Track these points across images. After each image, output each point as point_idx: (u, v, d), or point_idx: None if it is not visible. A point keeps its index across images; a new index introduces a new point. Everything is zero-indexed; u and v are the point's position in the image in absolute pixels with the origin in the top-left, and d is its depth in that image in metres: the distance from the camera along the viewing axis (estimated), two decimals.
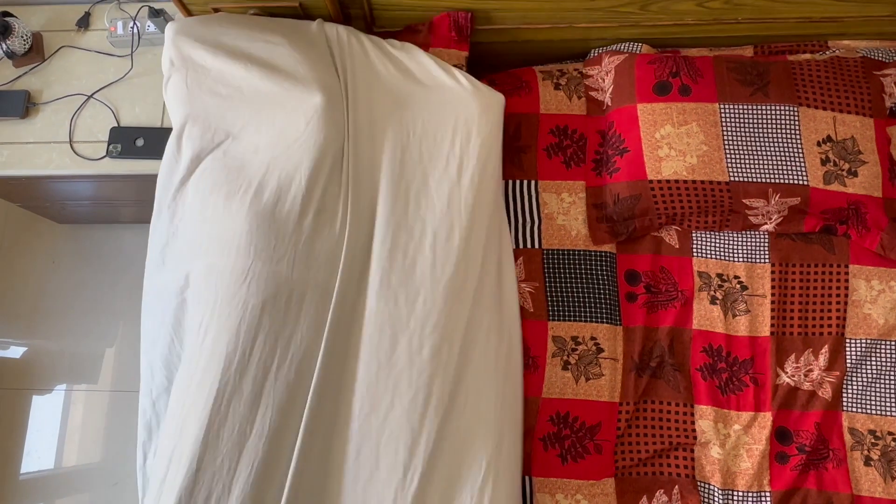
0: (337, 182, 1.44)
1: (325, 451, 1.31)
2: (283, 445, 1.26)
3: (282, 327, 1.30)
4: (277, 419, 1.25)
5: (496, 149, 1.55)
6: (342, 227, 1.41)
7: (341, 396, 1.34)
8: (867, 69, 1.57)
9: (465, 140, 1.51)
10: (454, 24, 1.63)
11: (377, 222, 1.45)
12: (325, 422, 1.31)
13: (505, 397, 1.41)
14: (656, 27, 1.68)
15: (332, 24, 1.58)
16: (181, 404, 1.31)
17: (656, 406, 1.50)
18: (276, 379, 1.27)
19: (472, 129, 1.52)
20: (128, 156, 1.72)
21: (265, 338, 1.29)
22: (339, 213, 1.41)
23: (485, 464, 1.33)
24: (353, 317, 1.38)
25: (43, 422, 2.27)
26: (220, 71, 1.48)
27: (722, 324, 1.53)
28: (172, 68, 1.51)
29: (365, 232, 1.44)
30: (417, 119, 1.52)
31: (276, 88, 1.46)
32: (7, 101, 1.76)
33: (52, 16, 1.86)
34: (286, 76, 1.46)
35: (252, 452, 1.23)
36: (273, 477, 1.24)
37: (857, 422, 1.47)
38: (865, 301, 1.52)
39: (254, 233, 1.35)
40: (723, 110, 1.52)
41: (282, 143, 1.43)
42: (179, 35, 1.51)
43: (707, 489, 1.45)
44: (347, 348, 1.36)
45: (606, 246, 1.58)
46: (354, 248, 1.41)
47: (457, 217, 1.46)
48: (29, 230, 2.45)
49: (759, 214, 1.53)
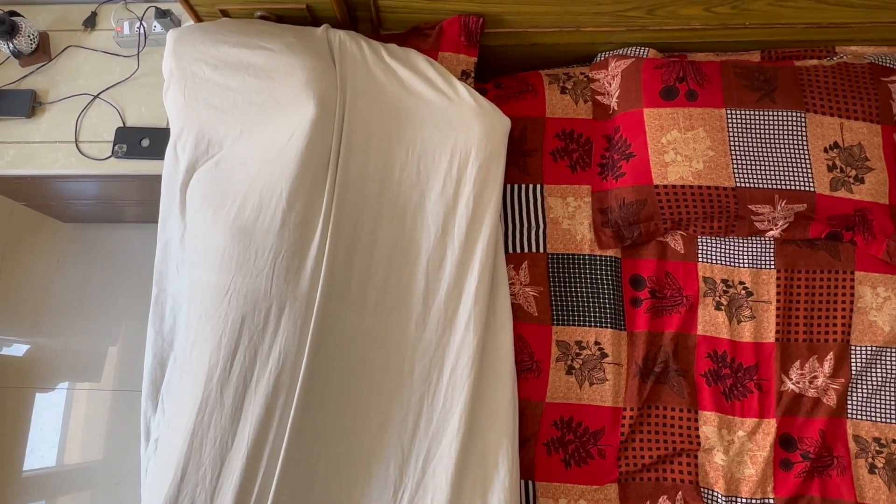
0: (321, 194, 1.41)
1: (311, 467, 1.31)
2: (264, 458, 1.26)
3: (261, 341, 1.30)
4: (258, 432, 1.26)
5: (495, 172, 1.52)
6: (322, 239, 1.38)
7: (328, 413, 1.34)
8: (875, 75, 1.57)
9: (464, 162, 1.50)
10: (464, 28, 1.62)
11: (376, 241, 1.45)
12: (310, 437, 1.31)
13: (496, 417, 1.41)
14: (663, 31, 1.67)
15: (335, 31, 1.56)
16: (172, 414, 1.35)
17: (660, 412, 1.50)
18: (255, 392, 1.28)
19: (471, 151, 1.50)
20: (133, 156, 1.72)
21: (245, 351, 1.29)
22: (320, 226, 1.39)
23: (479, 487, 1.35)
24: (335, 332, 1.37)
25: (46, 420, 2.28)
26: (216, 82, 1.47)
27: (727, 330, 1.53)
28: (171, 77, 1.51)
29: (349, 245, 1.42)
30: (417, 136, 1.51)
31: (271, 101, 1.45)
32: (13, 101, 1.77)
33: (59, 15, 1.86)
34: (282, 87, 1.45)
35: (234, 464, 1.24)
36: (255, 489, 1.25)
37: (862, 429, 1.47)
38: (871, 308, 1.52)
39: (235, 247, 1.35)
40: (729, 116, 1.52)
41: (267, 156, 1.42)
42: (179, 44, 1.50)
43: (711, 496, 1.45)
44: (332, 364, 1.36)
45: (611, 251, 1.58)
46: (335, 261, 1.39)
47: (450, 245, 1.47)
48: (34, 229, 2.46)
49: (764, 220, 1.53)
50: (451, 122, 1.52)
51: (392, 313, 1.43)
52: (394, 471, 1.35)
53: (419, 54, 1.58)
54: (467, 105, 1.52)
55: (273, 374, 1.29)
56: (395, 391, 1.39)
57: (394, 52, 1.57)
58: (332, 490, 1.32)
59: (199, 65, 1.48)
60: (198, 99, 1.48)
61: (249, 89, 1.46)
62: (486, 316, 1.47)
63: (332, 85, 1.48)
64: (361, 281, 1.42)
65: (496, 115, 1.55)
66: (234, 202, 1.40)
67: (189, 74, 1.48)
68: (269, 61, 1.46)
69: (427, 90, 1.53)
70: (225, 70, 1.47)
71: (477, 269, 1.46)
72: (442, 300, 1.45)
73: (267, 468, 1.26)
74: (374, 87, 1.52)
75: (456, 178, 1.49)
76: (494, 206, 1.51)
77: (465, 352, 1.42)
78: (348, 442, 1.34)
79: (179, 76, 1.49)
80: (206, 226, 1.41)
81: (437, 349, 1.43)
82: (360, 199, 1.45)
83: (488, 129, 1.52)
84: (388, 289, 1.44)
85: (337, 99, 1.47)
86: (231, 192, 1.42)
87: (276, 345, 1.30)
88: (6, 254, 2.45)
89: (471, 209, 1.48)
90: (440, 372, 1.42)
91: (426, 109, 1.52)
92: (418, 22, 1.67)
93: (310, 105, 1.42)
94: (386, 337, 1.41)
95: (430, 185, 1.49)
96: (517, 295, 1.55)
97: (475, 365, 1.42)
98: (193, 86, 1.48)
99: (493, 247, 1.49)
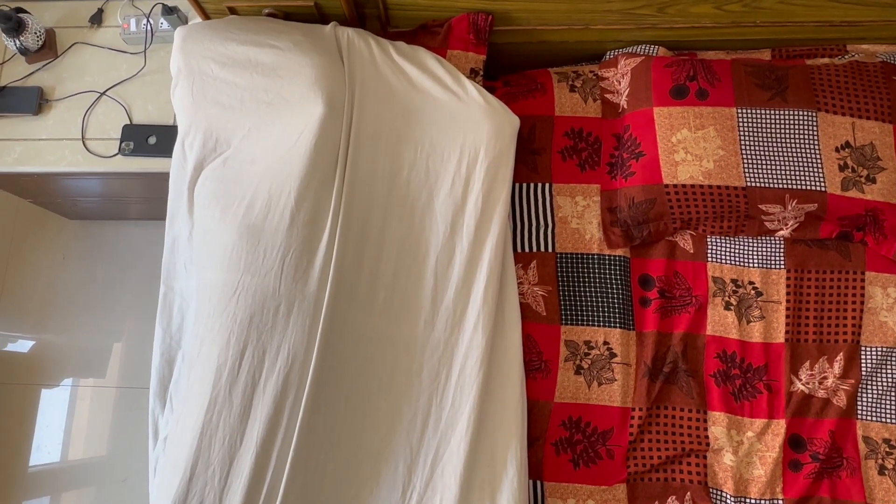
0: (329, 193, 1.41)
1: (319, 467, 1.31)
2: (273, 458, 1.26)
3: (269, 340, 1.30)
4: (266, 432, 1.25)
5: (504, 171, 1.52)
6: (330, 238, 1.38)
7: (336, 412, 1.34)
8: (887, 74, 1.55)
9: (473, 161, 1.49)
10: (473, 25, 1.60)
11: (385, 240, 1.45)
12: (318, 437, 1.31)
13: (505, 417, 1.40)
14: (673, 30, 1.66)
15: (343, 29, 1.56)
16: (181, 413, 1.34)
17: (669, 412, 1.49)
18: (263, 392, 1.28)
19: (480, 149, 1.49)
20: (140, 153, 1.71)
21: (253, 350, 1.29)
22: (328, 225, 1.38)
23: (487, 486, 1.35)
24: (344, 331, 1.37)
25: (51, 416, 2.28)
26: (225, 80, 1.47)
27: (736, 330, 1.52)
28: (179, 75, 1.50)
29: (358, 244, 1.42)
30: (426, 135, 1.50)
31: (279, 99, 1.44)
32: (20, 98, 1.76)
33: (66, 12, 1.86)
34: (290, 86, 1.44)
35: (243, 464, 1.24)
36: (264, 489, 1.24)
37: (872, 430, 1.46)
38: (881, 309, 1.51)
39: (244, 246, 1.35)
40: (740, 115, 1.51)
41: (276, 154, 1.42)
42: (187, 42, 1.50)
43: (719, 496, 1.44)
44: (341, 364, 1.35)
45: (620, 250, 1.57)
46: (343, 260, 1.38)
47: (459, 244, 1.46)
48: (40, 226, 2.46)
49: (775, 220, 1.52)
50: (460, 120, 1.51)
51: (401, 312, 1.43)
52: (402, 471, 1.35)
53: (428, 52, 1.57)
54: (476, 103, 1.51)
55: (282, 373, 1.28)
56: (403, 391, 1.38)
57: (402, 49, 1.56)
58: (342, 490, 1.31)
59: (207, 62, 1.47)
60: (206, 97, 1.47)
61: (257, 87, 1.45)
62: (495, 315, 1.46)
63: (341, 83, 1.47)
64: (370, 279, 1.42)
65: (505, 114, 1.54)
66: (242, 200, 1.39)
67: (197, 72, 1.48)
68: (278, 59, 1.45)
69: (436, 88, 1.52)
70: (233, 67, 1.46)
71: (486, 269, 1.45)
72: (451, 299, 1.44)
73: (276, 468, 1.25)
74: (382, 85, 1.51)
75: (465, 177, 1.49)
76: (503, 205, 1.50)
77: (473, 351, 1.41)
78: (357, 442, 1.34)
79: (187, 74, 1.48)
80: (214, 224, 1.41)
81: (445, 349, 1.42)
82: (368, 197, 1.45)
83: (497, 127, 1.51)
84: (397, 288, 1.44)
85: (346, 97, 1.46)
86: (239, 191, 1.41)
87: (285, 344, 1.30)
88: (12, 250, 2.45)
89: (479, 208, 1.47)
90: (448, 371, 1.41)
91: (435, 107, 1.51)
92: (426, 19, 1.66)
93: (318, 103, 1.41)
94: (395, 336, 1.41)
95: (439, 183, 1.49)
96: (526, 294, 1.54)
97: (484, 364, 1.41)
98: (201, 83, 1.47)
99: (501, 246, 1.49)
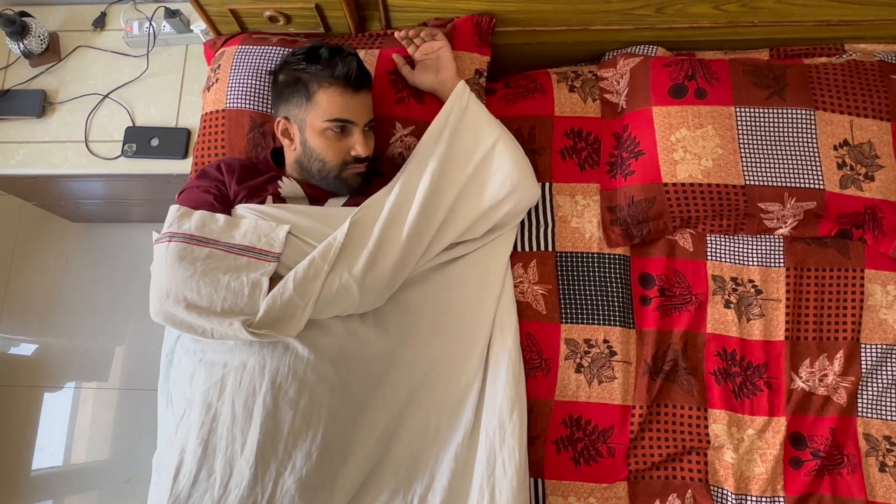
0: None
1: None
2: (272, 467, 1.22)
3: (272, 348, 1.27)
4: (264, 439, 1.22)
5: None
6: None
7: (336, 422, 1.31)
8: (884, 73, 1.56)
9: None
10: (476, 27, 1.61)
11: None
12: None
13: (503, 416, 1.40)
14: (672, 30, 1.67)
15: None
16: (182, 417, 1.31)
17: (669, 410, 1.50)
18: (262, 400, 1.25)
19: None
20: (143, 155, 1.73)
21: (257, 357, 1.26)
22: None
23: (487, 485, 1.34)
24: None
25: (54, 419, 2.29)
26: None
27: (736, 328, 1.52)
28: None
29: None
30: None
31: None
32: (24, 101, 1.78)
33: (69, 16, 1.88)
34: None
35: (242, 472, 1.21)
36: (264, 499, 1.22)
37: (873, 427, 1.46)
38: (881, 306, 1.51)
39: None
40: (739, 113, 1.52)
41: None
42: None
43: (720, 494, 1.44)
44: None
45: (620, 249, 1.58)
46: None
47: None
48: (43, 228, 2.47)
49: (774, 218, 1.53)
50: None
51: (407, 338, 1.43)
52: (404, 476, 1.35)
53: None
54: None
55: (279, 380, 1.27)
56: (405, 406, 1.38)
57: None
58: (342, 497, 1.31)
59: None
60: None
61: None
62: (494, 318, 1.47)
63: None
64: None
65: (531, 189, 1.54)
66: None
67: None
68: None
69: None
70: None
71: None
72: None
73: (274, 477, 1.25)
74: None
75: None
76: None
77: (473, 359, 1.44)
78: (357, 451, 1.33)
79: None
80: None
81: (453, 361, 1.43)
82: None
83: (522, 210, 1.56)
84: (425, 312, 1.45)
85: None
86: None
87: (288, 354, 1.28)
88: (15, 253, 2.46)
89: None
90: (458, 380, 1.42)
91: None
92: (427, 20, 1.67)
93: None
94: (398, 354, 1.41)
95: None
96: (526, 293, 1.55)
97: (482, 366, 1.43)
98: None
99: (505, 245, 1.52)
